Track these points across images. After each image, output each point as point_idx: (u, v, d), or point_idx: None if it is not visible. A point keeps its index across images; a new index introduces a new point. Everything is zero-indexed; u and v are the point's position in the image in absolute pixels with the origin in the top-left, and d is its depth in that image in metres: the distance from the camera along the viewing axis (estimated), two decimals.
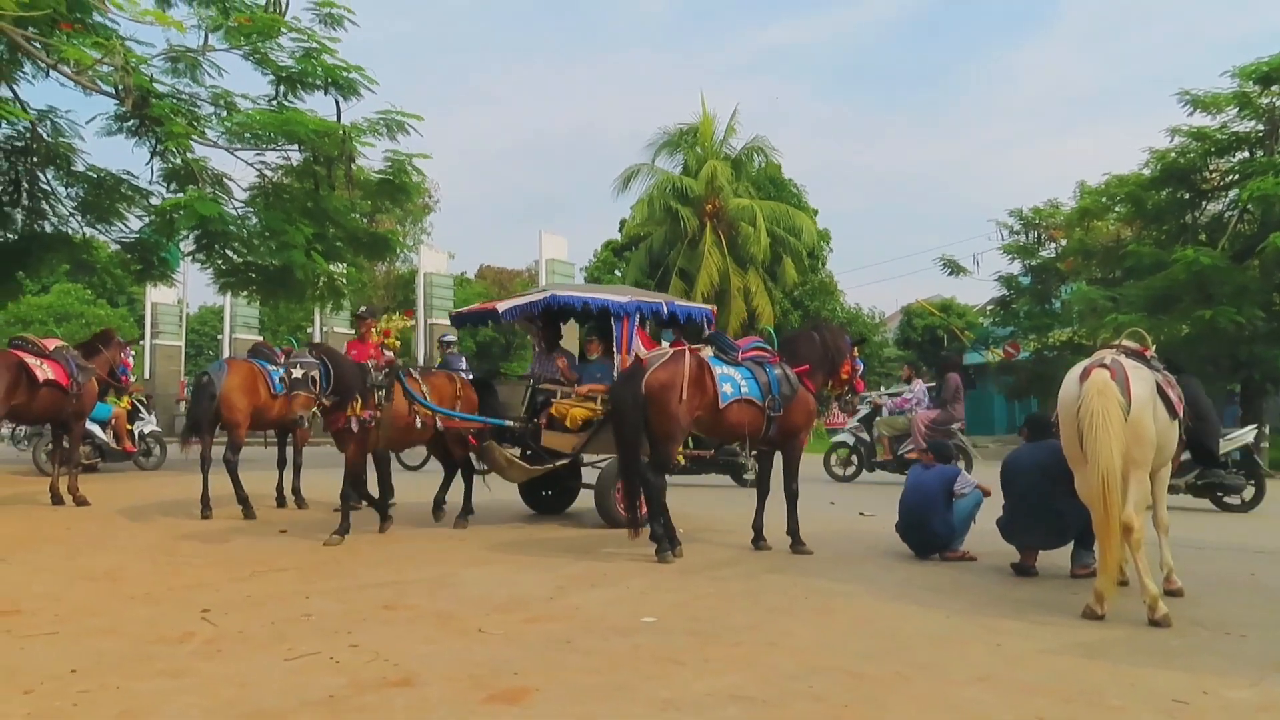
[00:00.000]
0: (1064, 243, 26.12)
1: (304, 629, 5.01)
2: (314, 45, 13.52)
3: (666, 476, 7.47)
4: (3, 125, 13.74)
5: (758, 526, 7.83)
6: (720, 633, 5.02)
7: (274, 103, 14.13)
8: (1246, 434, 11.51)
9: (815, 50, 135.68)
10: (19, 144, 14.59)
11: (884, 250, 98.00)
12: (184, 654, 4.53)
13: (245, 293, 17.11)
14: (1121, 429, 5.22)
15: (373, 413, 7.87)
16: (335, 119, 13.82)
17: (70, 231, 15.97)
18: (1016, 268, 27.76)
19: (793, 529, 7.66)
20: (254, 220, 15.02)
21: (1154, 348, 6.16)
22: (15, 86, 13.64)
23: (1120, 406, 5.26)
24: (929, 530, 7.28)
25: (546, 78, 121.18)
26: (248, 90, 15.20)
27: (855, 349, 8.30)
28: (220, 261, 15.90)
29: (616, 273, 36.94)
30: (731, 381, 7.43)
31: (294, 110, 13.82)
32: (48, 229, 15.78)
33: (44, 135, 14.41)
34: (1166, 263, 19.61)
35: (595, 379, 8.99)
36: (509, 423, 8.97)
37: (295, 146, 14.08)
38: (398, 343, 8.94)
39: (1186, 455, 6.64)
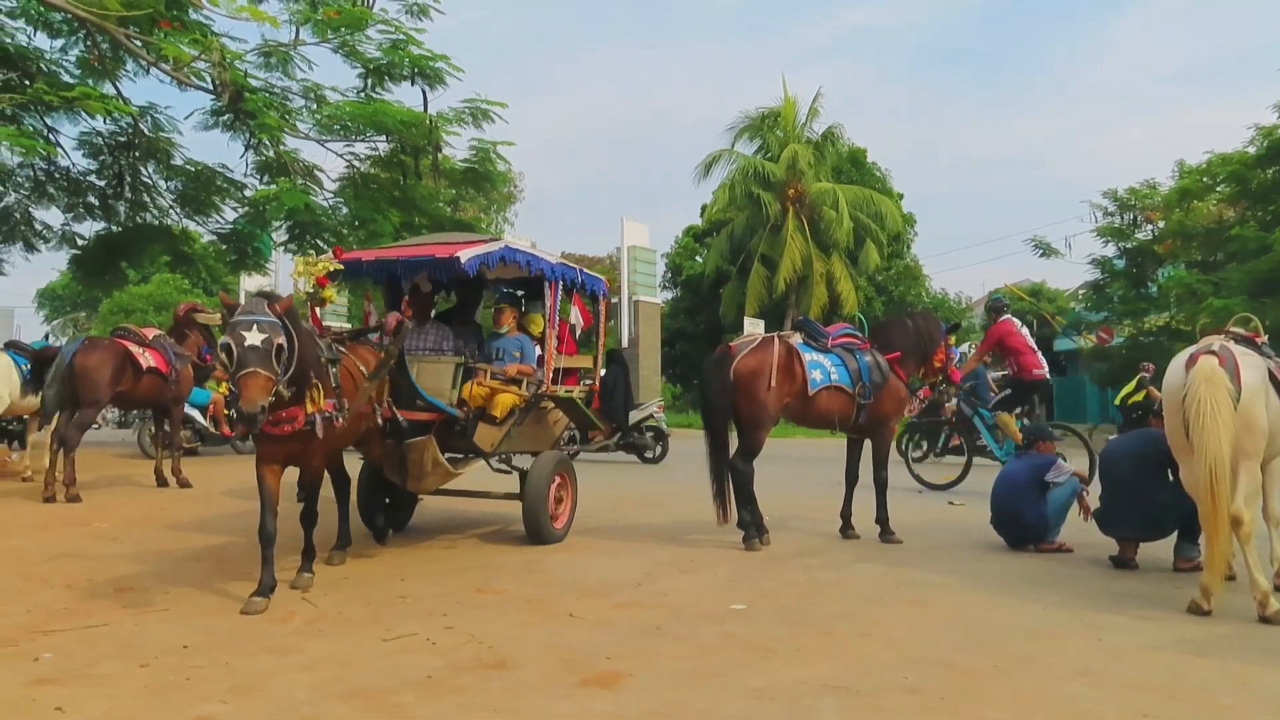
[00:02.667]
0: (1161, 224, 25.15)
1: (400, 611, 5.13)
2: (400, 36, 13.73)
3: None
4: (107, 121, 14.26)
5: (846, 515, 7.76)
6: (811, 621, 4.98)
7: (362, 94, 14.40)
8: None
9: (899, 30, 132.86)
10: (122, 139, 15.15)
11: (971, 234, 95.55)
12: (287, 633, 4.68)
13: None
14: (1230, 418, 5.02)
15: (335, 404, 5.45)
16: (422, 109, 14.04)
17: (169, 223, 16.55)
18: (1111, 250, 26.85)
19: (882, 518, 7.56)
20: (344, 210, 15.37)
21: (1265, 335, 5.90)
22: (118, 83, 14.17)
23: (1230, 394, 5.06)
24: (1021, 521, 7.10)
25: (623, 65, 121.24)
26: (337, 83, 15.55)
27: (949, 337, 8.12)
28: (312, 250, 16.31)
29: (698, 259, 36.86)
30: (821, 368, 7.34)
31: (382, 101, 14.07)
32: (149, 221, 16.37)
33: (145, 130, 14.92)
34: (1272, 245, 18.74)
35: (512, 357, 7.40)
36: (458, 412, 6.90)
37: (383, 137, 14.34)
38: (335, 295, 7.18)
39: None
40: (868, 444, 7.86)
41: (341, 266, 6.49)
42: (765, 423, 7.30)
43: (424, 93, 14.12)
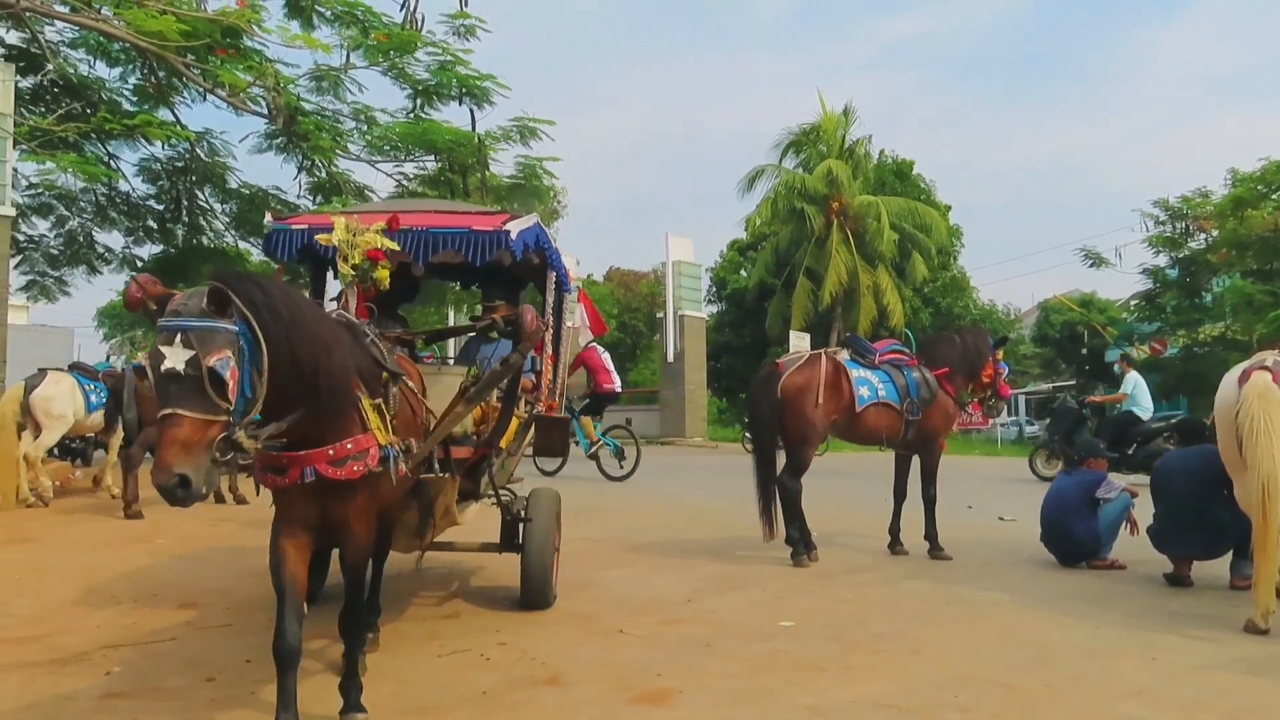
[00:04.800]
0: (1215, 233, 24.66)
1: (454, 627, 5.23)
2: (448, 58, 14.00)
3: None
4: (166, 146, 14.69)
5: (894, 531, 7.74)
6: (861, 639, 5.00)
7: (411, 115, 14.69)
8: None
9: (938, 41, 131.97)
10: (179, 164, 15.58)
11: (1019, 244, 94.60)
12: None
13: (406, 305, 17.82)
14: None
15: (400, 445, 3.78)
16: (470, 128, 14.29)
17: (225, 244, 16.96)
18: (1163, 260, 26.39)
19: (931, 534, 7.53)
20: None
21: None
22: (176, 110, 14.60)
23: None
24: (1072, 538, 7.04)
25: (662, 81, 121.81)
26: (386, 104, 15.87)
27: (998, 351, 8.08)
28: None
29: (742, 272, 36.84)
30: (868, 385, 7.36)
31: (430, 121, 14.34)
32: (204, 243, 16.79)
33: (201, 155, 15.35)
34: None
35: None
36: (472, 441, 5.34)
37: (432, 156, 14.60)
38: (389, 276, 4.89)
39: None
40: (916, 460, 7.84)
41: (396, 246, 4.83)
42: (813, 439, 7.32)
43: (471, 112, 14.38)
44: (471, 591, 6.22)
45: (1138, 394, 13.56)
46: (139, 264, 17.04)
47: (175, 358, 2.87)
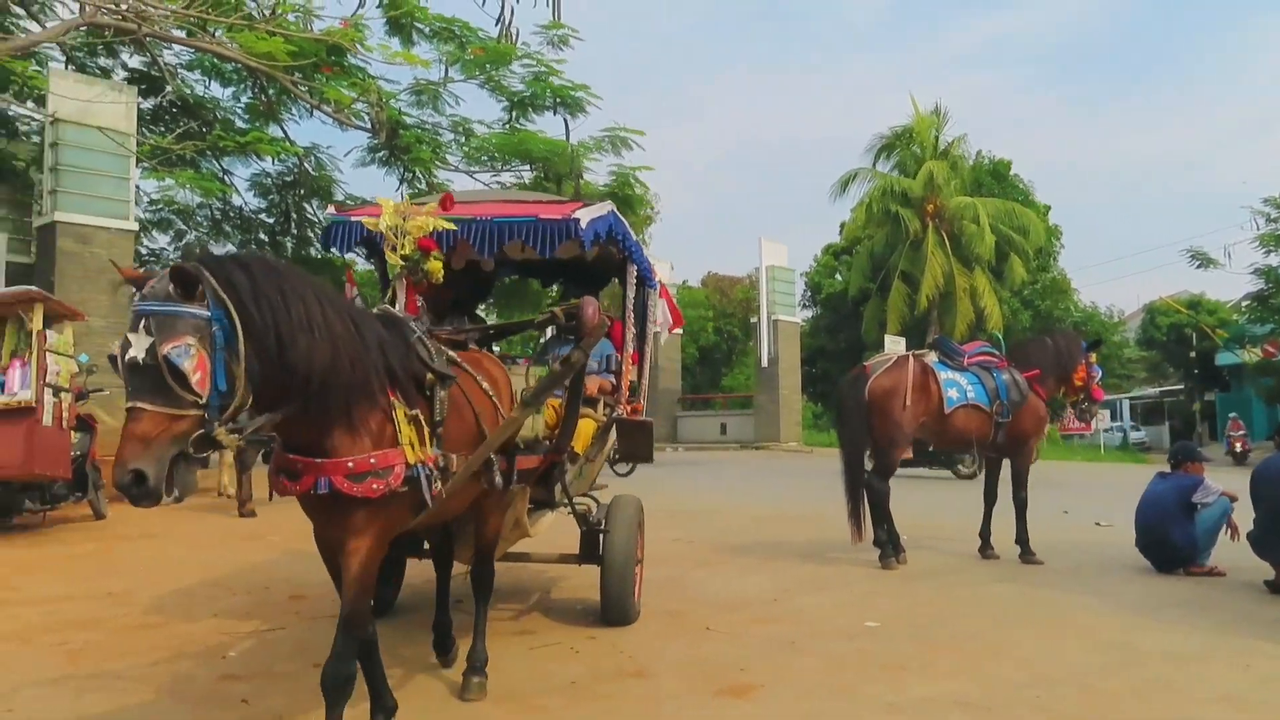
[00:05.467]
0: None
1: (545, 621, 5.41)
2: (542, 69, 14.36)
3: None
4: (275, 162, 15.40)
5: (984, 534, 7.66)
6: (944, 640, 5.01)
7: (507, 126, 15.10)
8: None
9: (1034, 39, 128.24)
10: (288, 179, 16.30)
11: (1123, 245, 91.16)
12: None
13: (483, 305, 18.31)
14: None
15: (439, 459, 3.42)
16: (564, 137, 14.64)
17: (332, 255, 17.62)
18: (1275, 260, 25.20)
19: (1021, 538, 7.43)
20: None
21: None
22: (285, 126, 15.30)
23: None
24: (1169, 544, 6.87)
25: (754, 87, 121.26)
26: (483, 116, 16.33)
27: (1091, 354, 7.92)
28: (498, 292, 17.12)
29: (837, 276, 36.52)
30: (957, 387, 7.31)
31: (526, 132, 14.73)
32: (313, 254, 17.51)
33: (309, 169, 16.03)
34: None
35: (589, 368, 5.11)
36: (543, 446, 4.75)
37: (527, 166, 14.97)
38: (441, 268, 4.51)
39: None
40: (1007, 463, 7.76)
41: (451, 225, 4.47)
42: (901, 442, 7.31)
43: (565, 121, 14.73)
44: (565, 588, 6.39)
45: None
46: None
47: (137, 346, 2.59)
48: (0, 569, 6.92)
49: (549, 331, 5.62)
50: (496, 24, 14.01)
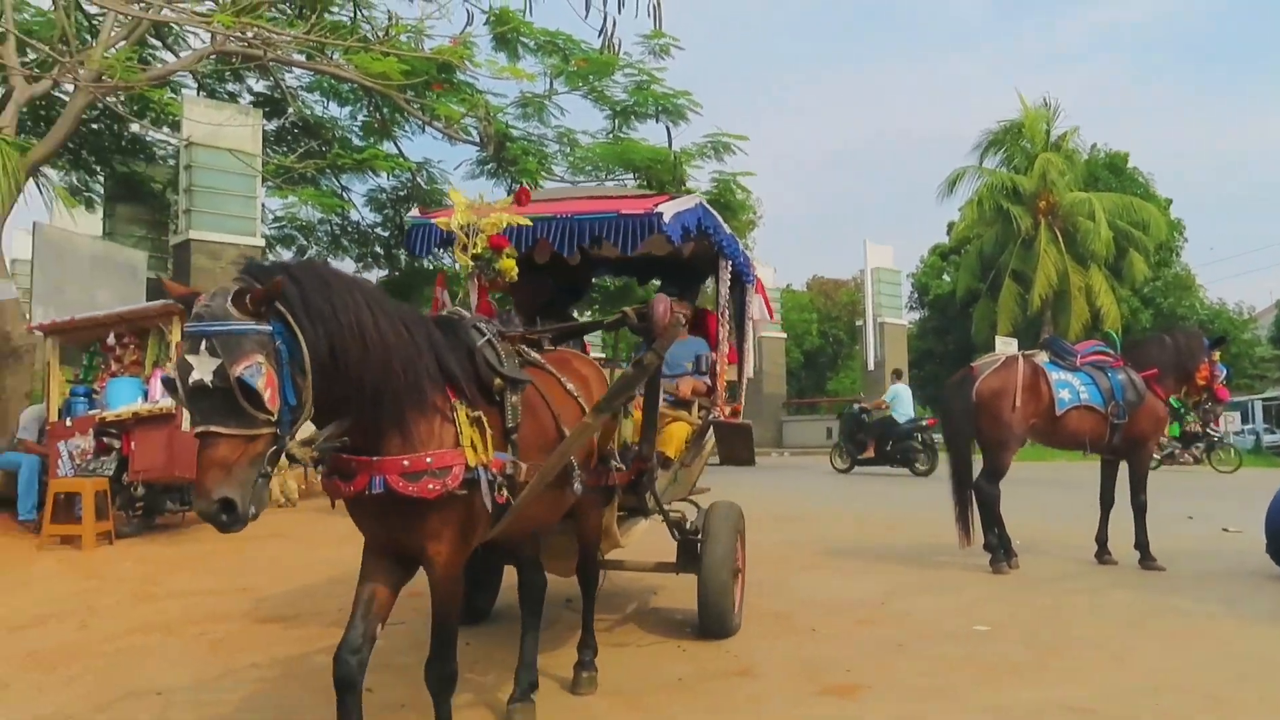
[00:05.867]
0: None
1: (652, 620, 5.51)
2: (644, 78, 14.54)
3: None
4: (390, 177, 15.99)
5: (1101, 539, 7.42)
6: (1058, 645, 4.91)
7: (610, 135, 15.33)
8: None
9: (1150, 24, 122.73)
10: (402, 193, 16.87)
11: (1253, 239, 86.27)
12: (546, 639, 5.17)
13: (589, 310, 18.62)
14: None
15: (507, 465, 3.26)
16: (666, 145, 14.78)
17: (443, 265, 18.18)
18: None
19: (1141, 543, 7.18)
20: None
21: None
22: (398, 143, 15.87)
23: None
24: None
25: (857, 87, 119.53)
26: (587, 126, 16.61)
27: (1214, 352, 7.60)
28: (596, 294, 17.43)
29: (945, 277, 35.77)
30: (1069, 387, 7.12)
31: (629, 140, 14.94)
32: (426, 265, 18.08)
33: (421, 183, 16.57)
34: None
35: (682, 368, 5.43)
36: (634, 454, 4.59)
37: (630, 174, 15.16)
38: (515, 266, 4.26)
39: None
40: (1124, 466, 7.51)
41: (527, 221, 4.30)
42: (1010, 444, 7.16)
43: (668, 129, 14.88)
44: (672, 587, 6.47)
45: (897, 403, 17.20)
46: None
47: (201, 369, 2.49)
48: (146, 566, 7.43)
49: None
50: (599, 35, 14.28)
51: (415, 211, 4.87)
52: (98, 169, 15.21)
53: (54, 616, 5.68)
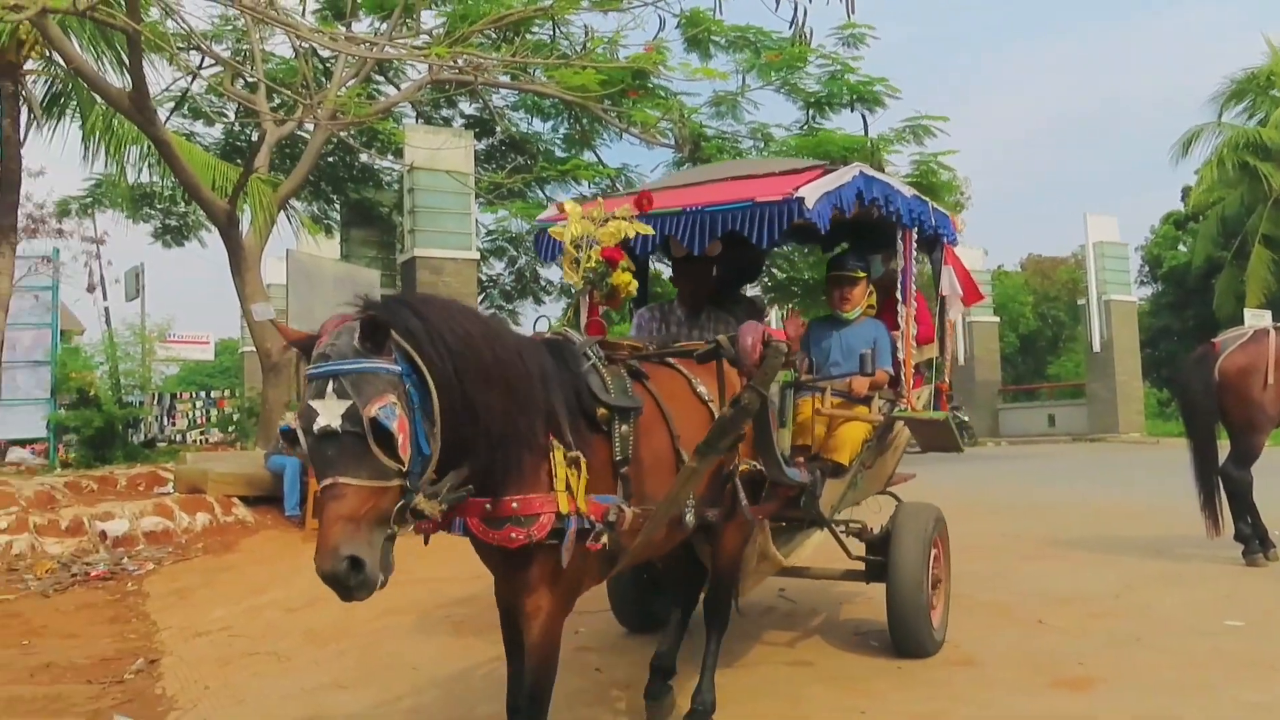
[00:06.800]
0: None
1: (862, 606, 5.44)
2: (837, 67, 14.36)
3: None
4: (591, 185, 16.52)
5: None
6: None
7: (804, 127, 15.22)
8: None
9: None
10: (612, 196, 17.41)
11: None
12: (759, 628, 5.24)
13: (785, 308, 18.54)
14: None
15: (611, 511, 2.87)
16: (863, 133, 14.53)
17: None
18: None
19: None
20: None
21: None
22: (597, 152, 16.39)
23: None
24: None
25: (1070, 54, 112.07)
26: (780, 119, 16.56)
27: None
28: (767, 280, 17.44)
29: (1181, 247, 33.01)
30: None
31: (825, 132, 14.80)
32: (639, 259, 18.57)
33: (620, 189, 17.03)
34: None
35: (854, 357, 4.47)
36: (800, 476, 4.04)
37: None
38: (633, 280, 3.79)
39: None
40: None
41: (649, 230, 3.83)
42: (1263, 425, 6.59)
43: (864, 117, 14.63)
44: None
45: None
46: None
47: (329, 413, 2.25)
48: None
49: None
50: (790, 26, 14.18)
51: (550, 210, 4.22)
52: (334, 197, 16.66)
53: (321, 599, 6.24)
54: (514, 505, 2.66)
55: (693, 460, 3.11)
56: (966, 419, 20.49)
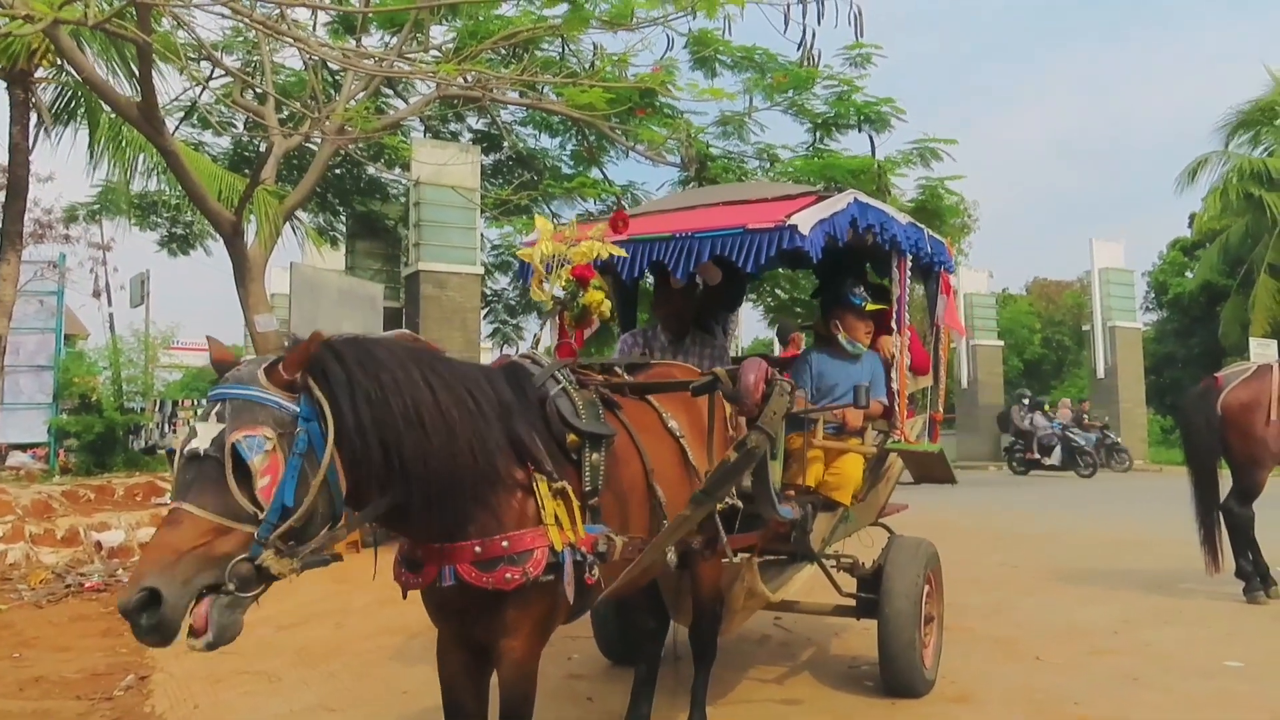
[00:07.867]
0: None
1: (864, 641, 5.40)
2: (844, 88, 14.37)
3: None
4: (597, 202, 16.54)
5: None
6: None
7: (810, 148, 15.23)
8: None
9: None
10: (608, 216, 17.40)
11: None
12: (762, 654, 5.20)
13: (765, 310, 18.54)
14: None
15: (599, 540, 2.78)
16: (869, 154, 14.53)
17: (647, 285, 18.63)
18: None
19: None
20: None
21: None
22: (604, 169, 16.41)
23: None
24: None
25: (1077, 76, 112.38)
26: (786, 140, 16.58)
27: None
28: (769, 299, 17.44)
29: (1188, 274, 32.97)
30: None
31: (831, 154, 14.80)
32: (645, 284, 18.59)
33: (625, 207, 17.04)
34: None
35: (849, 390, 4.23)
36: (792, 513, 3.90)
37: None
38: (605, 300, 3.92)
39: None
40: None
41: (624, 252, 3.82)
42: (1266, 461, 6.56)
43: (871, 139, 14.62)
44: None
45: None
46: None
47: (203, 436, 2.13)
48: (389, 573, 8.01)
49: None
50: (798, 49, 14.21)
51: (535, 234, 3.82)
52: (340, 210, 16.67)
53: (315, 617, 6.26)
54: (504, 544, 2.55)
55: (689, 508, 3.01)
56: (1119, 439, 20.61)
